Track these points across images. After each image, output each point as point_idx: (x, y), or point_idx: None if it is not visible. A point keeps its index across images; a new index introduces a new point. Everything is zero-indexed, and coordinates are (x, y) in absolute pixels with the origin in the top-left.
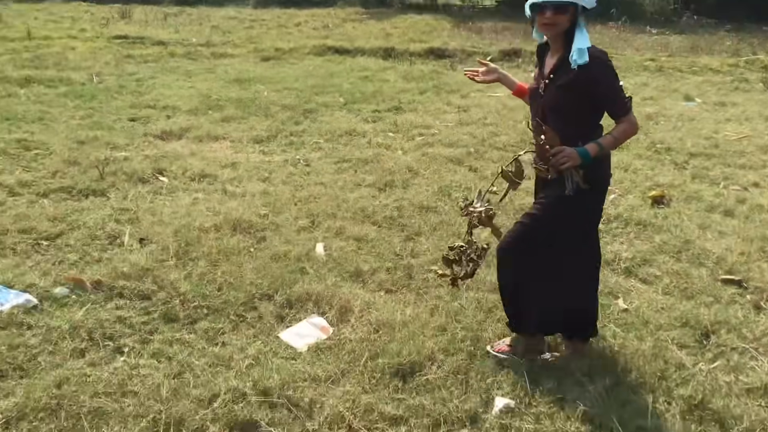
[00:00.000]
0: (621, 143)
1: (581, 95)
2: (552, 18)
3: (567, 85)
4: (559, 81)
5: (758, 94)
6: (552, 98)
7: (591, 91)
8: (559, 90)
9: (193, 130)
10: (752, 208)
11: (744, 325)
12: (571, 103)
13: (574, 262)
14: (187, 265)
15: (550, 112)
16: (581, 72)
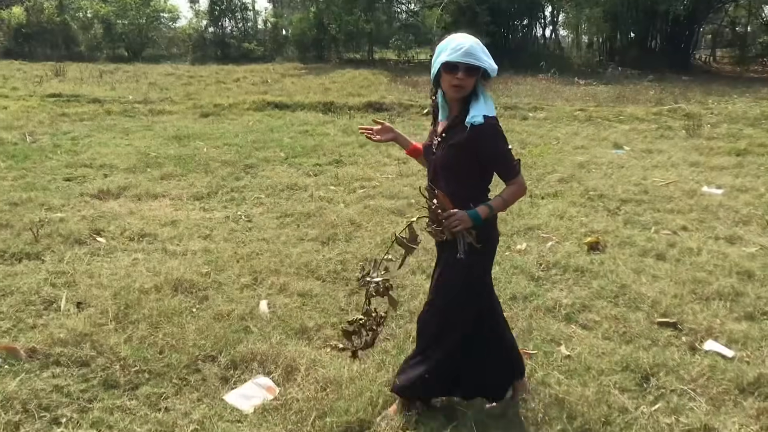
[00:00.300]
0: (510, 205)
1: (471, 155)
2: (463, 80)
3: (459, 144)
4: (451, 140)
5: (682, 140)
6: (444, 156)
7: (481, 151)
8: (451, 149)
9: (131, 188)
10: (682, 251)
11: (681, 367)
12: (462, 162)
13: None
14: (127, 329)
15: (442, 169)
16: (473, 132)
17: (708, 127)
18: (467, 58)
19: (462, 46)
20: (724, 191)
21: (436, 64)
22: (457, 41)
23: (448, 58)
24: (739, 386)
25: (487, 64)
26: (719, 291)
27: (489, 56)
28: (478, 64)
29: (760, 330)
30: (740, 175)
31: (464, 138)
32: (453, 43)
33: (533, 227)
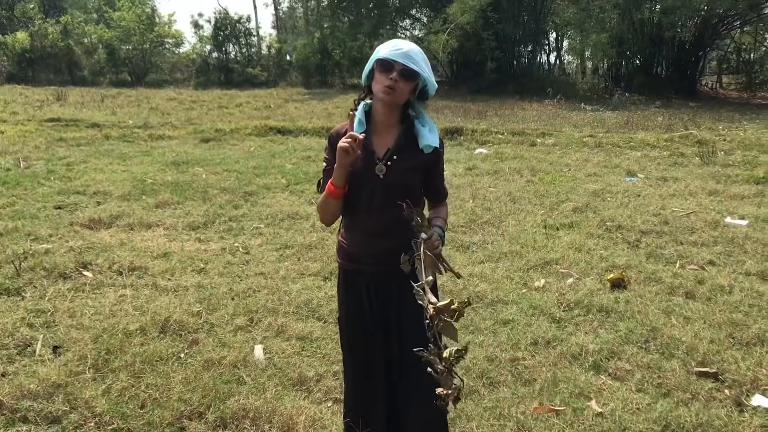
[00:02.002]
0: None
1: (422, 175)
2: (397, 82)
3: (415, 167)
4: (406, 163)
5: (696, 168)
6: (400, 181)
7: (433, 172)
8: (408, 171)
9: (124, 217)
10: (713, 289)
11: (729, 428)
12: (416, 185)
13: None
14: (106, 378)
15: (392, 194)
16: (432, 156)
17: (722, 153)
18: (405, 59)
19: (402, 47)
20: (748, 222)
21: (369, 62)
22: (398, 43)
23: (384, 55)
24: None
25: (426, 74)
26: (759, 335)
27: (431, 70)
28: (416, 68)
29: None
30: (762, 204)
31: (423, 161)
32: (393, 43)
33: (550, 261)
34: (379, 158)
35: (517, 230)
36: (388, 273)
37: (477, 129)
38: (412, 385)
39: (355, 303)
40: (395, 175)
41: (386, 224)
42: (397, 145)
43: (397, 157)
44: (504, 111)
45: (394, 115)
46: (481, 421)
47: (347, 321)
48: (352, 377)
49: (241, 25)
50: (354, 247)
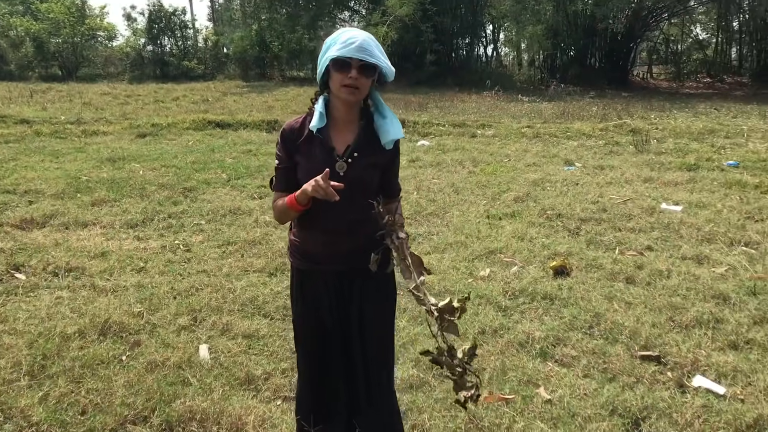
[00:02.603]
0: None
1: (381, 172)
2: (357, 79)
3: (376, 164)
4: (367, 160)
5: (631, 156)
6: (361, 177)
7: (390, 167)
8: (368, 168)
9: (58, 216)
10: (652, 274)
11: (673, 409)
12: (375, 181)
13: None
14: (44, 385)
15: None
16: (393, 152)
17: (655, 142)
18: (361, 53)
19: (354, 40)
20: (682, 208)
21: (323, 61)
22: (348, 34)
23: (338, 53)
24: (738, 430)
25: (383, 63)
26: (698, 318)
27: (385, 56)
28: (373, 61)
29: (748, 361)
30: (695, 190)
31: (386, 158)
32: (344, 37)
33: (494, 251)
34: (339, 155)
35: (461, 221)
36: (348, 272)
37: (419, 121)
38: (374, 383)
39: (311, 302)
40: (356, 172)
41: (346, 223)
42: (357, 142)
43: (358, 153)
44: (444, 103)
45: (354, 110)
46: (433, 413)
47: (304, 320)
48: (309, 376)
49: (176, 18)
50: (310, 245)
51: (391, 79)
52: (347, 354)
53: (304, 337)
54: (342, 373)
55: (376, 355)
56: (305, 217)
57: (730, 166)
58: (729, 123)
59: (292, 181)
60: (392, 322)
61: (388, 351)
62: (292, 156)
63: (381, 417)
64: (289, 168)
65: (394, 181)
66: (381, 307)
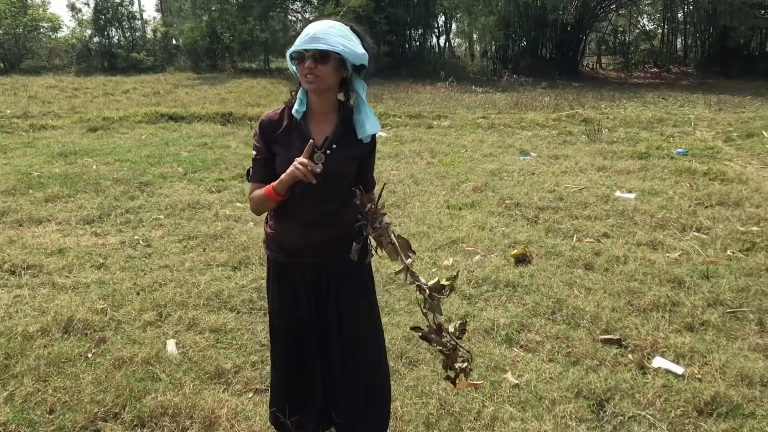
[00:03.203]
0: None
1: (358, 165)
2: (313, 68)
3: (354, 156)
4: (346, 150)
5: (584, 145)
6: (337, 169)
7: (366, 162)
8: (346, 160)
9: (11, 213)
10: (609, 260)
11: (635, 390)
12: (351, 173)
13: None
14: (8, 385)
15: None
16: (370, 145)
17: (606, 131)
18: (313, 43)
19: (308, 32)
20: (636, 195)
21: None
22: (307, 28)
23: (293, 47)
24: (696, 408)
25: (343, 47)
26: (655, 302)
27: (351, 39)
28: (327, 48)
29: (703, 342)
30: (646, 178)
31: (363, 150)
32: (304, 31)
33: (456, 240)
34: (317, 146)
35: (423, 211)
36: (324, 263)
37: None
38: (351, 376)
39: (288, 295)
40: (334, 164)
41: (323, 214)
42: (335, 134)
43: (337, 145)
44: (399, 94)
45: (328, 101)
46: (404, 401)
47: (280, 313)
48: (283, 369)
49: (123, 8)
50: (287, 237)
51: (362, 62)
52: (324, 348)
53: (280, 332)
54: (318, 368)
55: (355, 350)
56: (281, 208)
57: (680, 154)
58: (676, 112)
59: (269, 172)
60: (373, 313)
61: (370, 343)
62: (270, 147)
63: (357, 407)
64: (266, 159)
65: (370, 175)
66: (359, 298)
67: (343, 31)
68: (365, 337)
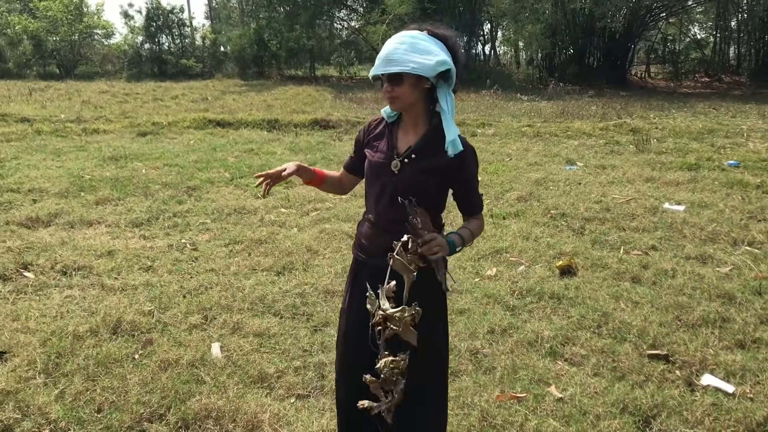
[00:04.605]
0: (473, 241)
1: (443, 182)
2: (391, 91)
3: (433, 169)
4: (422, 164)
5: (632, 156)
6: (413, 180)
7: (459, 178)
8: (422, 173)
9: (63, 215)
10: (657, 274)
11: (683, 407)
12: (432, 189)
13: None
14: (59, 383)
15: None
16: (456, 161)
17: (655, 141)
18: (385, 67)
19: (382, 56)
20: (685, 207)
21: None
22: (385, 46)
23: (371, 72)
24: (748, 428)
25: (411, 65)
26: (704, 317)
27: (424, 52)
28: (397, 70)
29: (755, 360)
30: (696, 190)
31: (443, 164)
32: (382, 49)
33: (500, 250)
34: (398, 154)
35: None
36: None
37: None
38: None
39: (358, 294)
40: (409, 173)
41: (389, 220)
42: (418, 144)
43: (416, 156)
44: None
45: (416, 112)
46: None
47: (348, 311)
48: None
49: (174, 16)
50: (362, 236)
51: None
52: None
53: (345, 329)
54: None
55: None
56: (365, 208)
57: (731, 166)
58: (728, 122)
59: (356, 166)
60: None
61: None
62: (362, 147)
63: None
64: (357, 157)
65: (470, 196)
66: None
67: (415, 44)
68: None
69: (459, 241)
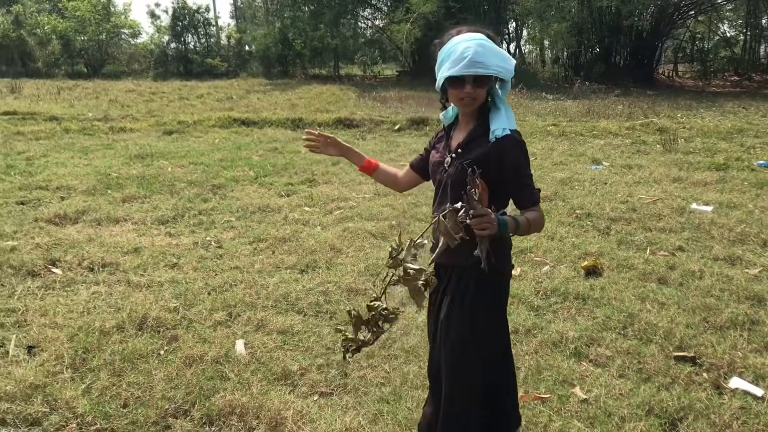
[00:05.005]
0: (530, 232)
1: (490, 173)
2: (471, 93)
3: (476, 159)
4: (469, 155)
5: (659, 155)
6: (458, 173)
7: (502, 169)
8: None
9: (90, 212)
10: (684, 275)
11: (710, 410)
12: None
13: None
14: (86, 378)
15: (453, 189)
16: (496, 146)
17: (683, 141)
18: (473, 68)
19: (466, 54)
20: (713, 208)
21: (439, 77)
22: (461, 47)
23: (450, 72)
24: None
25: (495, 69)
26: (733, 319)
27: (501, 56)
28: (487, 72)
29: None
30: (725, 190)
31: (485, 153)
32: (458, 50)
33: (525, 250)
34: (450, 150)
35: None
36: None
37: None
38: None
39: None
40: (456, 168)
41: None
42: (466, 138)
43: (462, 150)
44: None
45: (473, 112)
46: None
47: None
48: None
49: (199, 15)
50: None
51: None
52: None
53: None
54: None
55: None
56: None
57: (761, 166)
58: (758, 122)
59: (420, 165)
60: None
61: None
62: (430, 149)
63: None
64: (424, 156)
65: (517, 187)
66: (463, 309)
67: (492, 47)
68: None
69: (512, 224)
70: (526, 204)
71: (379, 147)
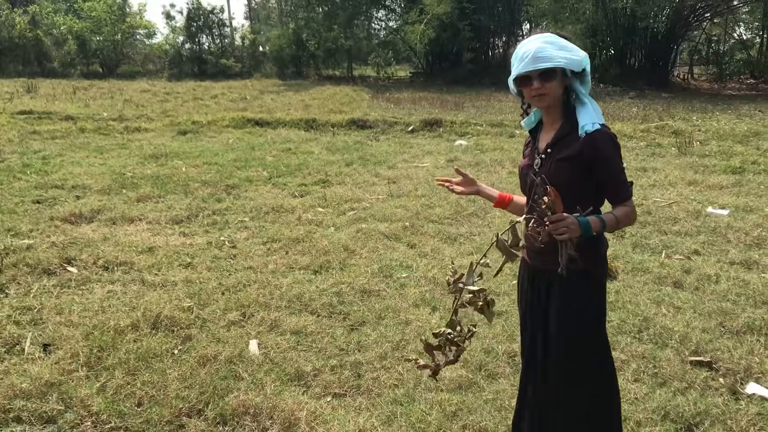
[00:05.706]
0: (621, 227)
1: (583, 169)
2: (540, 88)
3: (568, 157)
4: (559, 154)
5: (674, 158)
6: (551, 173)
7: (595, 164)
8: (559, 163)
9: (105, 211)
10: (700, 279)
11: (727, 416)
12: (571, 179)
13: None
14: (101, 376)
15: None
16: (587, 141)
17: (698, 144)
18: (536, 64)
19: (528, 53)
20: (729, 212)
21: (511, 81)
22: (524, 48)
23: (516, 72)
24: None
25: (563, 60)
26: (749, 324)
27: (568, 49)
28: (550, 65)
29: None
30: (741, 194)
31: (576, 149)
32: (521, 52)
33: None
34: (538, 152)
35: (503, 221)
36: (541, 269)
37: (456, 120)
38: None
39: (520, 292)
40: (547, 168)
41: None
42: (553, 138)
43: (551, 150)
44: (480, 102)
45: (555, 110)
46: (483, 414)
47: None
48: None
49: (214, 16)
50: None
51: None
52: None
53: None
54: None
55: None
56: None
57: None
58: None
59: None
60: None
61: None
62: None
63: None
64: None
65: (609, 181)
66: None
67: (558, 42)
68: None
69: (597, 224)
70: (617, 199)
71: (393, 148)
